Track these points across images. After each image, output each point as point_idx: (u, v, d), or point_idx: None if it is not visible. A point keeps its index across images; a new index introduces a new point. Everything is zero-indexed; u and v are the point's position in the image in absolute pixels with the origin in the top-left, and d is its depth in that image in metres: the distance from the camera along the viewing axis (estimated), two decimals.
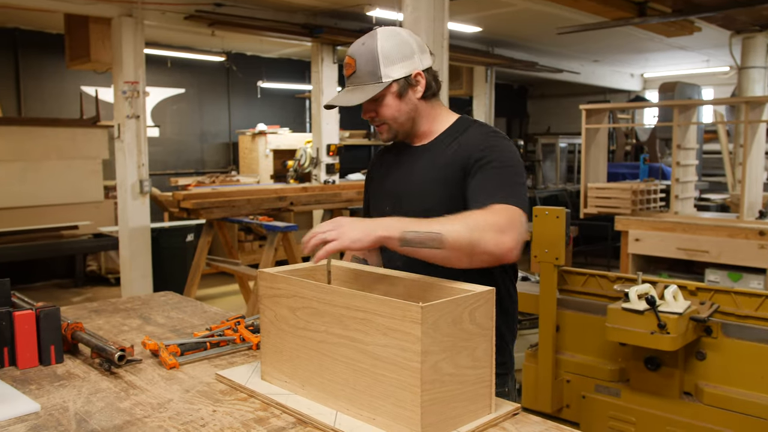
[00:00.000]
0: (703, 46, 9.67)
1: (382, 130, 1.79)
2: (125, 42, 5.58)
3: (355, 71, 1.71)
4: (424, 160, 1.78)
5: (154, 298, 2.61)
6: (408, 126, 1.78)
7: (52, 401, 1.52)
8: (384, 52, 1.69)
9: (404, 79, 1.72)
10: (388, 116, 1.75)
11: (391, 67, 1.69)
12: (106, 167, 7.79)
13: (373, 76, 1.69)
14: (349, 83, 1.74)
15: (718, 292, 2.85)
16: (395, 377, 1.28)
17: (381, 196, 1.89)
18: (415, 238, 1.44)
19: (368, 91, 1.69)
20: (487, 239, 1.48)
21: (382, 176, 1.91)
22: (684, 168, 5.78)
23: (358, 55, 1.70)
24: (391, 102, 1.73)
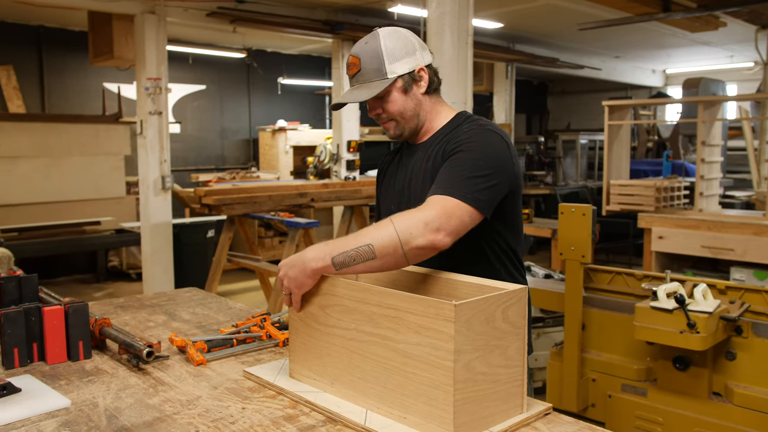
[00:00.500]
0: (727, 41, 9.51)
1: (389, 127, 1.80)
2: (148, 39, 5.61)
3: (360, 70, 1.72)
4: (420, 158, 1.80)
5: (179, 294, 2.61)
6: (414, 122, 1.79)
7: (81, 397, 1.52)
8: (387, 49, 1.70)
9: (408, 74, 1.73)
10: (395, 112, 1.76)
11: (395, 63, 1.71)
12: (128, 163, 7.86)
13: (379, 73, 1.70)
14: (354, 82, 1.75)
15: (749, 291, 2.80)
16: (427, 376, 1.27)
17: (388, 196, 1.91)
18: (346, 258, 1.45)
19: (375, 88, 1.70)
20: (416, 236, 1.45)
21: (389, 176, 1.93)
22: (709, 165, 5.69)
23: (362, 54, 1.72)
24: (397, 97, 1.74)
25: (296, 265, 1.48)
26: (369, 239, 1.45)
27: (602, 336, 3.12)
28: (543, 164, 11.00)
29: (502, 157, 1.64)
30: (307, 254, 1.48)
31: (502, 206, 1.66)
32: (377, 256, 1.45)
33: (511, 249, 1.79)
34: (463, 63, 3.49)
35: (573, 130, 12.78)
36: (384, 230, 1.46)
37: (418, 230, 1.46)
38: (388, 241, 1.45)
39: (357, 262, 1.45)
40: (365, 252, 1.44)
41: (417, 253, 1.47)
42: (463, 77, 3.50)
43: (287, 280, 1.50)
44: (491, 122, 1.76)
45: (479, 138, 1.65)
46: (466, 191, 1.54)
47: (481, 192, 1.56)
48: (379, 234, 1.45)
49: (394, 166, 1.93)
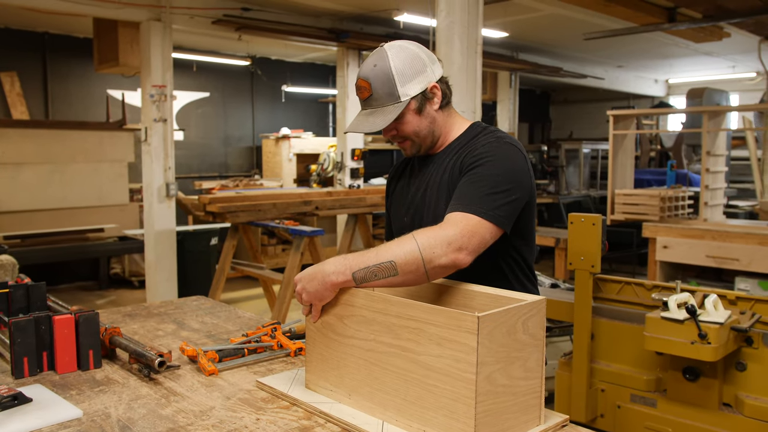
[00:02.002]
0: (730, 51, 9.53)
1: (406, 147, 1.78)
2: (153, 46, 5.62)
3: (372, 94, 1.67)
4: (434, 169, 1.78)
5: (186, 302, 2.60)
6: (429, 139, 1.76)
7: (93, 407, 1.50)
8: (398, 70, 1.66)
9: (421, 94, 1.70)
10: (410, 132, 1.73)
11: (407, 85, 1.67)
12: (132, 170, 7.85)
13: (391, 96, 1.66)
14: (366, 106, 1.71)
15: (759, 301, 2.78)
16: (448, 388, 1.25)
17: (400, 207, 1.89)
18: (367, 274, 1.44)
19: (389, 113, 1.66)
20: (439, 255, 1.44)
21: (401, 187, 1.91)
22: (713, 175, 5.69)
23: (373, 78, 1.67)
24: (411, 119, 1.71)
25: (316, 279, 1.47)
26: (391, 255, 1.44)
27: (611, 346, 3.10)
28: (546, 173, 10.99)
29: (521, 170, 1.63)
30: (326, 267, 1.47)
31: (518, 219, 1.65)
32: (399, 273, 1.44)
33: (524, 260, 1.78)
34: (473, 72, 3.49)
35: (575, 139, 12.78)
36: (407, 247, 1.44)
37: (441, 249, 1.45)
38: (411, 259, 1.43)
39: (378, 278, 1.44)
40: (387, 268, 1.43)
41: (439, 272, 1.47)
42: (473, 87, 3.49)
43: (306, 294, 1.49)
44: (507, 134, 1.75)
45: (498, 152, 1.63)
46: (486, 208, 1.53)
47: (501, 208, 1.55)
48: (402, 251, 1.44)
49: (406, 176, 1.92)
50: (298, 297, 1.52)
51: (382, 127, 1.66)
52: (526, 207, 1.67)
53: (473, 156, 1.65)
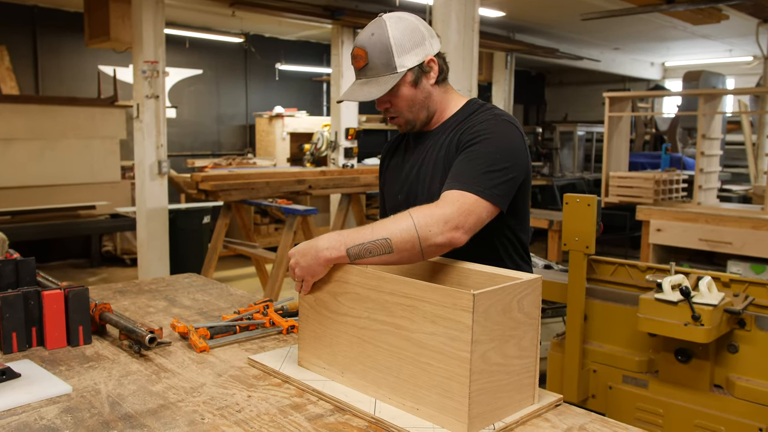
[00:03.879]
0: (727, 35, 9.48)
1: (400, 123, 1.74)
2: (145, 20, 5.52)
3: (368, 63, 1.63)
4: (430, 146, 1.75)
5: (177, 279, 2.57)
6: (424, 114, 1.73)
7: (82, 383, 1.48)
8: (396, 40, 1.62)
9: (418, 66, 1.66)
10: (404, 107, 1.70)
11: (404, 56, 1.63)
12: (123, 147, 7.77)
13: (388, 67, 1.62)
14: (362, 75, 1.67)
15: (753, 284, 2.78)
16: (442, 366, 1.24)
17: (394, 184, 1.86)
18: (361, 251, 1.42)
19: (385, 83, 1.62)
20: (435, 233, 1.42)
21: (395, 165, 1.89)
22: (708, 158, 5.68)
23: (370, 47, 1.62)
24: (406, 92, 1.67)
25: (309, 254, 1.45)
26: (387, 233, 1.42)
27: (604, 327, 3.10)
28: (540, 155, 10.97)
29: (518, 149, 1.61)
30: (320, 243, 1.44)
31: (514, 198, 1.63)
32: (394, 250, 1.42)
33: (518, 240, 1.76)
34: (469, 51, 3.45)
35: (570, 122, 12.75)
36: (402, 224, 1.42)
37: (437, 228, 1.43)
38: (407, 237, 1.41)
39: (372, 255, 1.42)
40: (382, 246, 1.41)
41: (434, 251, 1.45)
42: (469, 65, 3.45)
43: (299, 269, 1.48)
44: (504, 111, 1.72)
45: (496, 129, 1.61)
46: (483, 186, 1.51)
47: (498, 187, 1.53)
48: (398, 228, 1.42)
49: (400, 153, 1.89)
50: (291, 272, 1.51)
51: (377, 96, 1.62)
52: (521, 186, 1.64)
53: (470, 133, 1.62)
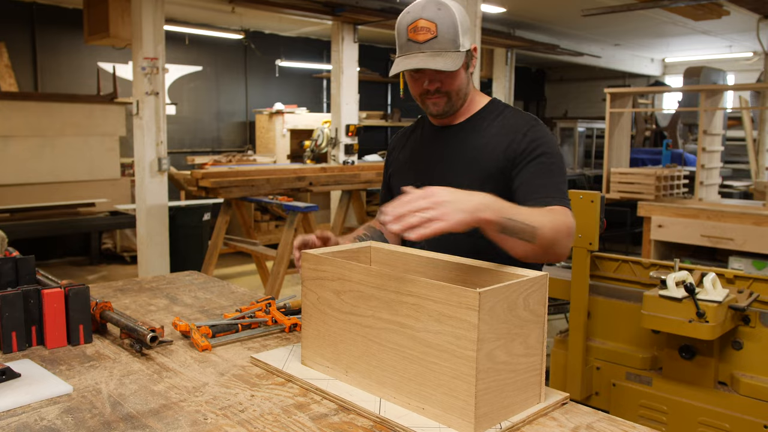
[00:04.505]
0: (727, 30, 9.46)
1: (440, 102, 1.68)
2: (145, 17, 5.50)
3: (436, 36, 1.57)
4: (455, 142, 1.73)
5: (178, 277, 2.56)
6: (462, 100, 1.71)
7: (83, 383, 1.47)
8: (461, 19, 1.60)
9: (469, 51, 1.65)
10: (454, 88, 1.66)
11: (465, 36, 1.61)
12: (123, 145, 7.75)
13: (454, 44, 1.59)
14: (426, 48, 1.59)
15: (757, 280, 2.77)
16: (448, 365, 1.22)
17: (407, 178, 1.81)
18: (514, 226, 1.37)
19: (454, 59, 1.59)
20: (563, 243, 1.47)
21: (408, 158, 1.85)
22: (709, 154, 5.66)
23: (439, 20, 1.57)
24: (461, 73, 1.65)
25: (463, 207, 1.27)
26: (538, 223, 1.40)
27: (607, 324, 3.09)
28: None
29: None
30: (476, 198, 1.30)
31: None
32: (536, 242, 1.41)
33: None
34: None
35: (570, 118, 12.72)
36: (550, 221, 1.43)
37: (568, 240, 1.48)
38: (549, 235, 1.42)
39: (516, 237, 1.38)
40: (529, 232, 1.39)
41: (552, 257, 1.50)
42: None
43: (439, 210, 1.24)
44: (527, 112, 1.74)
45: (550, 137, 1.66)
46: (566, 197, 1.59)
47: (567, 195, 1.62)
48: (548, 223, 1.42)
49: (412, 147, 1.85)
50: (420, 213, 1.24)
51: (454, 68, 1.58)
52: None
53: (531, 142, 1.63)
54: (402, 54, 1.63)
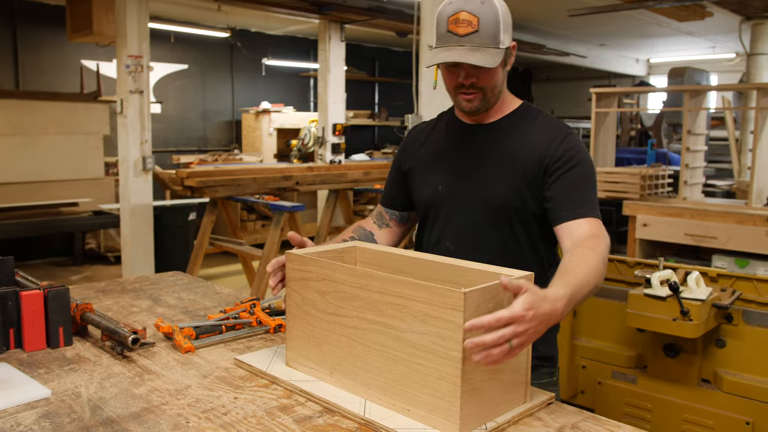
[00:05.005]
0: (711, 32, 9.53)
1: (474, 98, 1.64)
2: (129, 14, 5.44)
3: (478, 31, 1.53)
4: (486, 143, 1.69)
5: (162, 278, 2.53)
6: (496, 98, 1.68)
7: (62, 386, 1.44)
8: (503, 15, 1.57)
9: (508, 49, 1.61)
10: (490, 84, 1.62)
11: (506, 33, 1.58)
12: (107, 143, 7.68)
13: (494, 39, 1.55)
14: (466, 42, 1.54)
15: (740, 279, 2.79)
16: (433, 366, 1.21)
17: (430, 173, 1.77)
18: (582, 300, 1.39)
19: (493, 56, 1.54)
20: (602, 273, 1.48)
21: (435, 152, 1.79)
22: (693, 153, 5.70)
23: (482, 14, 1.53)
24: (498, 70, 1.61)
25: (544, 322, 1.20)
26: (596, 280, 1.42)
27: (593, 323, 3.10)
28: None
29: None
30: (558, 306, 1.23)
31: None
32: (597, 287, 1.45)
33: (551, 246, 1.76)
34: None
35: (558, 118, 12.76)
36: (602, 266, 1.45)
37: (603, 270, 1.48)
38: (603, 275, 1.47)
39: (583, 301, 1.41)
40: (593, 291, 1.43)
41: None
42: None
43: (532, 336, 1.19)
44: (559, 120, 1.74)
45: (583, 147, 1.65)
46: (598, 209, 1.61)
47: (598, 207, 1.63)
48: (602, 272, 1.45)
49: (435, 142, 1.80)
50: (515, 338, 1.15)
51: (493, 65, 1.54)
52: None
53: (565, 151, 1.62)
54: (440, 45, 1.59)
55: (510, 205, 1.64)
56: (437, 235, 1.76)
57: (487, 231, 1.68)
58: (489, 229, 1.68)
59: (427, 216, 1.80)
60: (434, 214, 1.77)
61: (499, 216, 1.66)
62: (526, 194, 1.64)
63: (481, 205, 1.67)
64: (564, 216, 1.58)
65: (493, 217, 1.66)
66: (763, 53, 7.50)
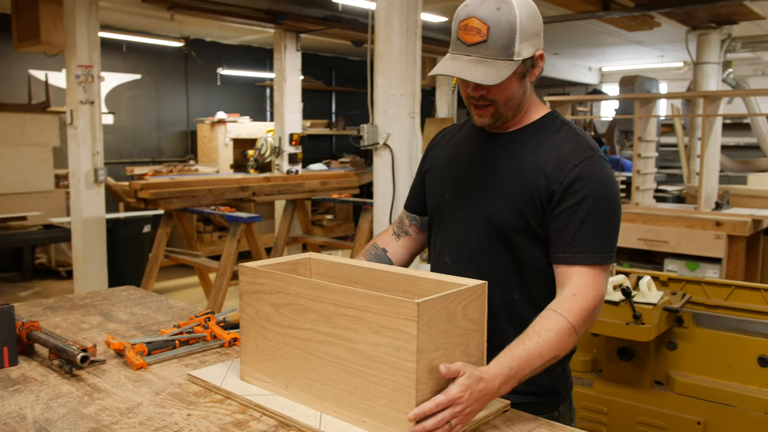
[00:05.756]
0: (659, 41, 9.83)
1: (486, 113, 1.51)
2: (79, 23, 5.32)
3: (486, 41, 1.40)
4: (500, 154, 1.57)
5: (114, 293, 2.47)
6: (514, 111, 1.53)
7: (6, 408, 1.39)
8: (522, 24, 1.40)
9: (530, 59, 1.46)
10: (502, 99, 1.48)
11: (524, 43, 1.42)
12: (57, 155, 7.48)
13: (506, 51, 1.41)
14: (472, 52, 1.42)
15: (689, 282, 2.87)
16: (388, 377, 1.21)
17: (442, 181, 1.67)
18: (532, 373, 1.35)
19: (502, 69, 1.41)
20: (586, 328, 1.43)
21: (451, 156, 1.68)
22: (645, 160, 5.85)
23: (494, 23, 1.39)
24: (512, 83, 1.46)
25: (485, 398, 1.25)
26: (554, 351, 1.35)
27: None
28: None
29: (618, 192, 1.50)
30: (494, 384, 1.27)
31: None
32: (559, 358, 1.39)
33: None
34: (412, 55, 3.45)
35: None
36: (566, 337, 1.37)
37: (589, 323, 1.42)
38: (570, 344, 1.39)
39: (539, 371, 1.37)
40: (550, 361, 1.37)
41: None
42: (412, 69, 3.45)
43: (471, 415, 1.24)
44: (588, 136, 1.55)
45: (602, 174, 1.47)
46: (607, 251, 1.45)
47: (614, 243, 1.47)
48: (563, 343, 1.37)
49: (457, 144, 1.69)
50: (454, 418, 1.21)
51: (495, 83, 1.41)
52: None
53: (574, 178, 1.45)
54: (450, 52, 1.47)
55: (510, 225, 1.51)
56: (439, 248, 1.65)
57: (485, 249, 1.55)
58: (487, 247, 1.54)
59: (433, 225, 1.71)
60: (437, 224, 1.67)
61: (499, 234, 1.52)
62: (529, 215, 1.49)
63: (481, 220, 1.54)
64: (558, 258, 1.47)
65: (493, 236, 1.53)
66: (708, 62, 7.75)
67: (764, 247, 5.17)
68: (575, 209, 1.45)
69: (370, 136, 3.60)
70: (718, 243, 4.86)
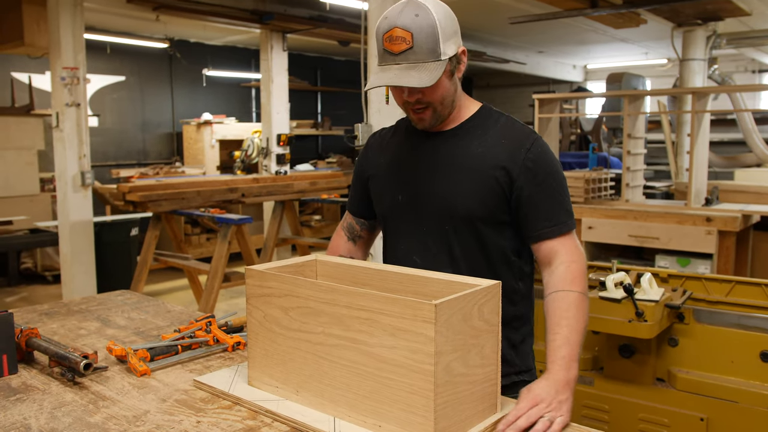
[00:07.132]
0: (644, 38, 9.88)
1: (425, 116, 1.59)
2: (63, 25, 5.24)
3: (412, 47, 1.46)
4: (447, 150, 1.63)
5: (110, 297, 2.42)
6: (449, 109, 1.61)
7: (10, 418, 1.35)
8: (442, 25, 1.47)
9: (455, 56, 1.54)
10: (437, 99, 1.55)
11: (447, 42, 1.49)
12: (42, 158, 7.37)
13: (433, 53, 1.47)
14: (402, 60, 1.48)
15: (690, 278, 2.86)
16: (405, 381, 1.18)
17: (391, 184, 1.71)
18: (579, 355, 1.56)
19: (433, 71, 1.47)
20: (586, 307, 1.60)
21: (393, 161, 1.72)
22: (634, 157, 5.87)
23: (416, 30, 1.45)
24: (444, 82, 1.53)
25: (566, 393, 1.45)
26: (583, 328, 1.56)
27: None
28: None
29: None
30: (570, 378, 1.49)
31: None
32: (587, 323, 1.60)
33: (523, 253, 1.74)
34: None
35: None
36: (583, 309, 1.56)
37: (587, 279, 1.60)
38: (588, 307, 1.59)
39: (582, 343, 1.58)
40: (585, 330, 1.57)
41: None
42: None
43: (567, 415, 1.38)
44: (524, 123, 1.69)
45: (551, 152, 1.63)
46: (573, 218, 1.62)
47: (572, 209, 1.63)
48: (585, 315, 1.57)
49: (393, 150, 1.73)
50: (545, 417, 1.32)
51: (430, 84, 1.47)
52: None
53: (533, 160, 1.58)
54: (379, 64, 1.54)
55: (475, 214, 1.58)
56: (405, 249, 1.69)
57: (453, 242, 1.62)
58: (456, 240, 1.61)
59: (388, 229, 1.75)
60: (394, 227, 1.72)
61: (466, 225, 1.60)
62: (491, 202, 1.58)
63: (445, 215, 1.61)
64: (537, 235, 1.58)
65: (460, 227, 1.60)
66: (694, 59, 7.79)
67: (754, 242, 5.21)
68: (540, 188, 1.57)
69: (365, 135, 3.57)
70: (709, 238, 4.89)
